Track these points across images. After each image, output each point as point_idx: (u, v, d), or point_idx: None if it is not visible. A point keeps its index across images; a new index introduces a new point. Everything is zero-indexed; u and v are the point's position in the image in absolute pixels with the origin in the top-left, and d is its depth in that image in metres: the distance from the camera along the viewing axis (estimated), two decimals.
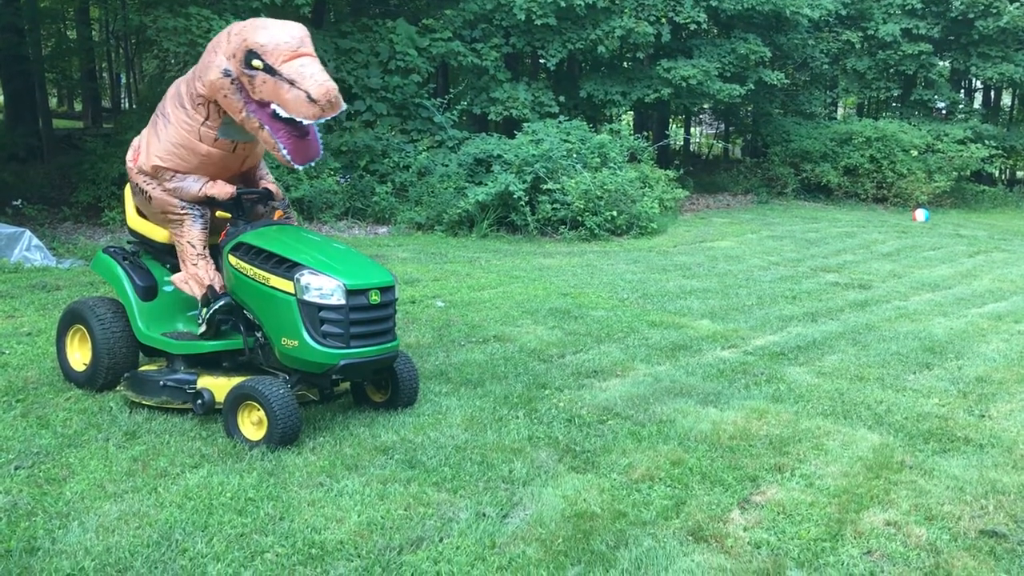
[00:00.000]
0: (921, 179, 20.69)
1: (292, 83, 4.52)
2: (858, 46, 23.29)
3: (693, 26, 18.31)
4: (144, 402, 5.11)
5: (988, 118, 26.84)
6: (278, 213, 5.54)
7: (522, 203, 13.11)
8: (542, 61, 17.81)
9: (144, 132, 5.45)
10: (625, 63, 20.17)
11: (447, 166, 14.13)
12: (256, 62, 4.60)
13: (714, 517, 4.13)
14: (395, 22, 15.49)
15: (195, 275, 5.22)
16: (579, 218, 13.40)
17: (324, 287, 4.71)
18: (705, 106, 25.57)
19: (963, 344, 7.69)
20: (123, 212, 5.80)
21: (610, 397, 5.82)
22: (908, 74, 23.93)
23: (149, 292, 5.41)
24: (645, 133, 20.82)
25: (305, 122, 4.60)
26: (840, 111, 31.15)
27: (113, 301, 5.55)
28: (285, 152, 4.76)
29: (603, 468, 4.66)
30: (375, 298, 4.87)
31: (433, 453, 4.74)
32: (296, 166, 4.88)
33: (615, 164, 14.63)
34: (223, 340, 5.21)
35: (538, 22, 16.30)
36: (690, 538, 3.93)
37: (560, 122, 15.41)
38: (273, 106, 4.63)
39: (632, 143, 16.34)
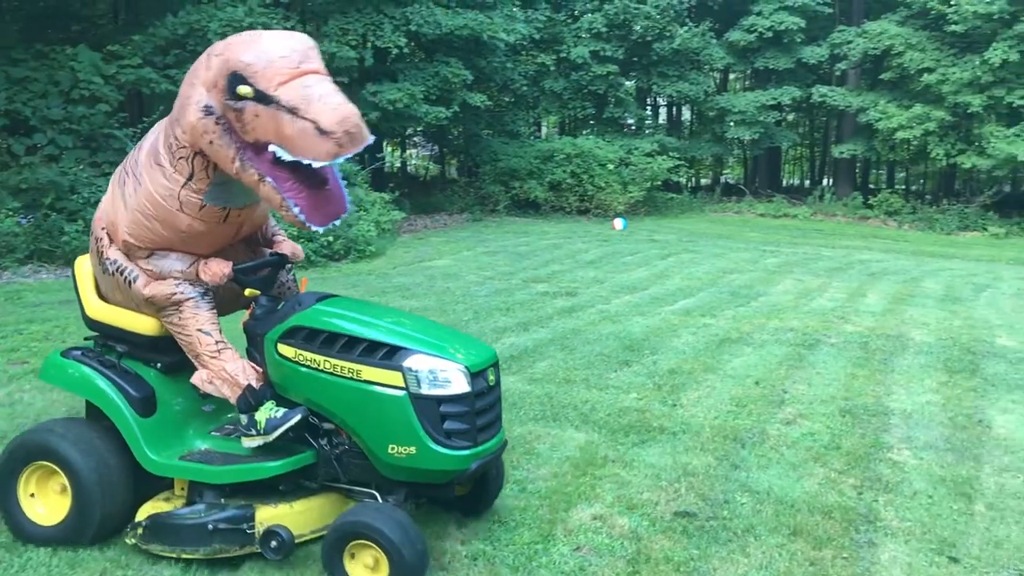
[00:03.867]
0: (617, 191, 22.28)
1: (294, 112, 3.31)
2: (553, 68, 24.73)
3: (395, 50, 18.55)
4: (184, 556, 3.81)
5: (671, 132, 29.55)
6: (303, 280, 4.44)
7: None
8: None
9: (109, 190, 4.11)
10: None
11: None
12: (243, 88, 3.37)
13: (432, 535, 4.15)
14: (75, 49, 14.35)
15: (221, 372, 3.87)
16: None
17: (443, 374, 3.67)
18: (419, 128, 26.04)
19: (658, 340, 8.33)
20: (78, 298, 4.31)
21: None
22: (599, 93, 25.75)
23: (148, 405, 4.01)
24: (358, 156, 20.78)
25: (315, 164, 3.37)
26: (544, 130, 32.93)
27: (88, 423, 4.16)
28: (297, 211, 3.50)
29: None
30: (492, 378, 3.91)
31: None
32: (314, 227, 3.59)
33: None
34: (291, 457, 3.90)
35: None
36: None
37: None
38: (272, 148, 3.41)
39: (345, 167, 16.25)
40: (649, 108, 32.39)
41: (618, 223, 20.10)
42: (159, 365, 4.15)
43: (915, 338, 8.76)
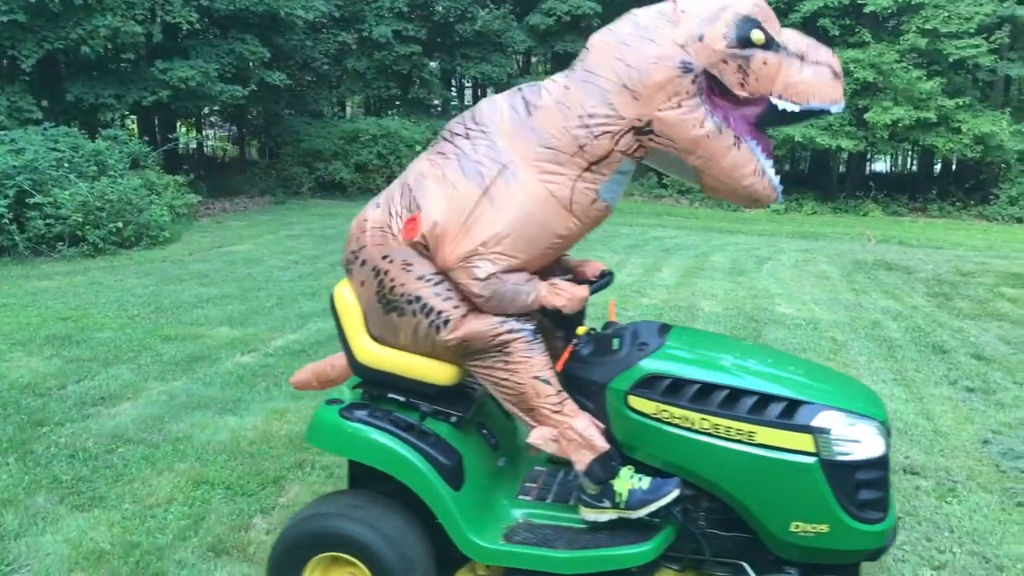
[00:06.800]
0: None
1: (803, 57, 3.00)
2: (355, 47, 24.34)
3: (186, 26, 17.66)
4: None
5: None
6: (611, 304, 3.70)
7: (6, 221, 11.62)
8: (18, 62, 15.88)
9: (426, 182, 3.12)
10: (121, 64, 18.83)
11: None
12: (758, 34, 2.95)
13: (236, 527, 4.04)
14: None
15: (568, 431, 3.00)
16: (79, 233, 12.25)
17: (860, 434, 2.92)
18: (215, 108, 24.95)
19: None
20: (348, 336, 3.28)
21: (120, 423, 5.40)
22: (404, 73, 25.59)
23: (459, 474, 3.12)
24: (146, 138, 19.64)
25: (834, 110, 3.03)
26: (349, 110, 32.39)
27: (375, 498, 3.19)
28: (773, 173, 3.09)
29: (113, 501, 4.31)
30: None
31: None
32: (780, 198, 3.15)
33: (116, 172, 13.61)
34: (659, 534, 3.06)
35: (3, 18, 14.52)
36: (211, 553, 3.80)
37: (46, 129, 13.94)
38: (775, 100, 3.00)
39: (134, 148, 15.37)
40: (454, 90, 32.54)
41: None
42: (453, 419, 3.25)
43: (705, 308, 9.33)
